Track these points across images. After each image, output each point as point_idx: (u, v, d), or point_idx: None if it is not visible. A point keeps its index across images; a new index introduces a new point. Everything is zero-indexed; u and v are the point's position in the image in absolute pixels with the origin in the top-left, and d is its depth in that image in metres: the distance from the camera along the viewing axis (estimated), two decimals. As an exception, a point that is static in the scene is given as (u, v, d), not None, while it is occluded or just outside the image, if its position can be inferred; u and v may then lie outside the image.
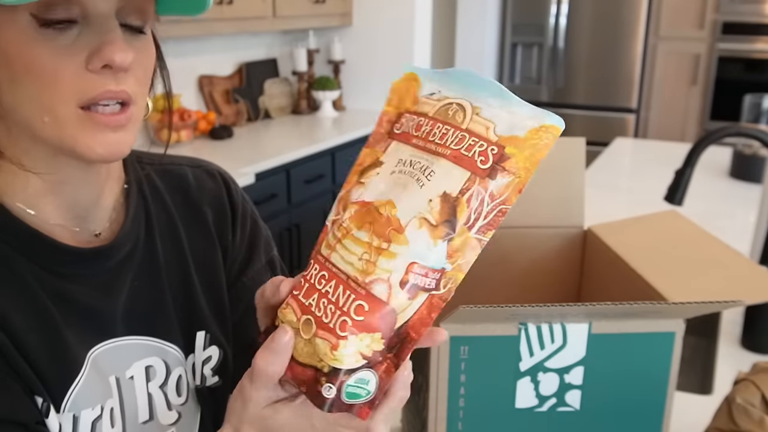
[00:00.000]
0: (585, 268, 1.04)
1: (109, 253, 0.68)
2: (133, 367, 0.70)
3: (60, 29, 0.55)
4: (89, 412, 0.66)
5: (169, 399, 0.73)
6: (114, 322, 0.69)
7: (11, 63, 0.55)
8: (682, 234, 0.93)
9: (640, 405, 0.73)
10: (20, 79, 0.55)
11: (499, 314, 0.66)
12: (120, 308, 0.69)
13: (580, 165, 1.00)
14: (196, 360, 0.77)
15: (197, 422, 0.77)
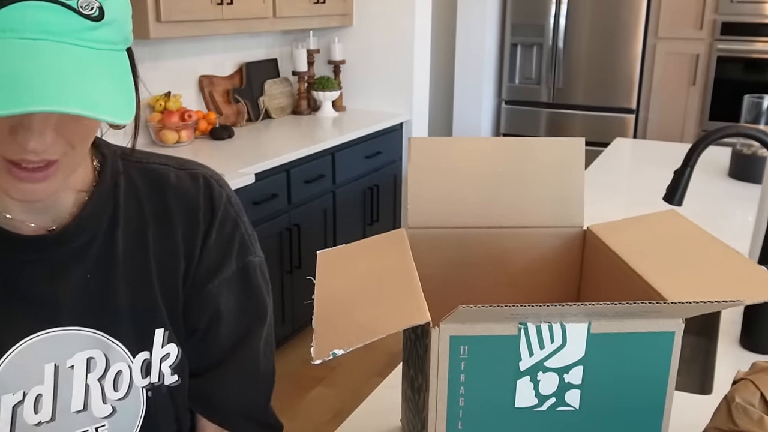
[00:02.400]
0: (584, 268, 1.04)
1: (57, 243, 0.70)
2: (75, 357, 0.72)
3: None
4: (9, 397, 0.68)
5: (105, 392, 0.74)
6: (59, 311, 0.70)
7: None
8: (681, 234, 0.93)
9: (640, 404, 0.73)
10: None
11: (498, 314, 0.66)
12: (69, 298, 0.71)
13: (579, 165, 1.01)
14: (153, 357, 0.77)
15: (137, 420, 0.77)
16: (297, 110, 3.60)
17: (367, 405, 1.09)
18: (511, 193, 1.00)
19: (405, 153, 3.66)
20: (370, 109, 3.72)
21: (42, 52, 0.54)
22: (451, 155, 0.99)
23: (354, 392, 2.75)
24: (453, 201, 0.99)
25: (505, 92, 4.83)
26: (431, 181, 0.98)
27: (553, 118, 4.71)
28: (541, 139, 1.01)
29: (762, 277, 0.77)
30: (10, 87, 0.52)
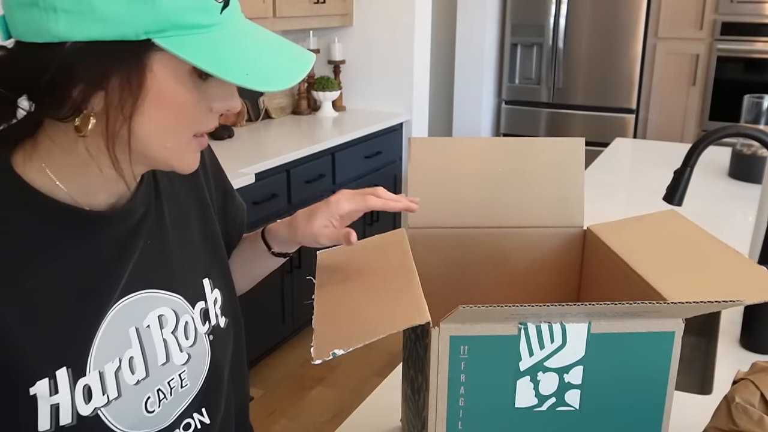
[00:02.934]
0: (585, 268, 1.04)
1: (123, 217, 0.76)
2: (149, 317, 0.79)
3: (205, 79, 0.67)
4: (110, 365, 0.74)
5: (179, 343, 0.83)
6: (132, 278, 0.77)
7: (164, 100, 0.65)
8: (681, 233, 0.93)
9: (640, 404, 0.73)
10: (165, 113, 0.66)
11: (498, 314, 0.66)
12: (136, 266, 0.77)
13: (579, 165, 1.01)
14: (208, 304, 0.88)
15: (206, 361, 0.86)
16: (297, 110, 3.60)
17: (367, 405, 1.09)
18: (511, 193, 1.00)
19: (405, 153, 3.66)
20: (370, 109, 3.73)
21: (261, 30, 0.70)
22: (451, 155, 0.99)
23: (354, 392, 2.75)
24: (453, 201, 0.99)
25: (505, 92, 4.83)
26: (431, 181, 0.99)
27: (553, 118, 4.71)
28: (541, 139, 1.01)
29: (762, 277, 0.77)
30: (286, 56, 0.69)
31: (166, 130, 0.68)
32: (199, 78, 0.67)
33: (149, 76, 0.64)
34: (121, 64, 0.63)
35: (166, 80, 0.65)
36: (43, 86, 0.62)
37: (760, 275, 0.78)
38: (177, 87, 0.66)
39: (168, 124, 0.67)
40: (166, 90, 0.65)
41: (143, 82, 0.64)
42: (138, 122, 0.66)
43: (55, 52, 0.61)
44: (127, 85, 0.63)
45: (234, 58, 0.65)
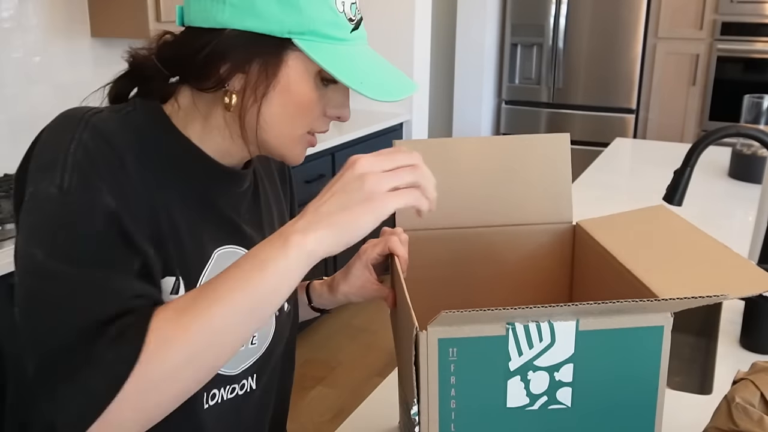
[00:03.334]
0: (575, 263, 1.04)
1: (239, 180, 0.88)
2: None
3: (326, 84, 0.80)
4: None
5: None
6: (236, 231, 0.86)
7: (290, 92, 0.78)
8: (669, 228, 0.93)
9: (632, 399, 0.73)
10: (288, 104, 0.78)
11: (483, 317, 0.66)
12: (239, 223, 0.87)
13: (565, 160, 1.01)
14: None
15: (270, 335, 0.92)
16: (297, 110, 3.60)
17: (367, 405, 1.09)
18: (500, 192, 1.00)
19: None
20: (370, 109, 3.73)
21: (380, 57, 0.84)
22: (437, 157, 1.00)
23: (354, 392, 2.75)
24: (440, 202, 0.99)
25: (505, 92, 4.83)
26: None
27: (553, 118, 4.71)
28: (526, 136, 1.01)
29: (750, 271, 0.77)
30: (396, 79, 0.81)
31: (286, 119, 0.80)
32: (321, 83, 0.79)
33: (283, 68, 0.77)
34: (263, 53, 0.76)
35: (295, 75, 0.77)
36: (199, 61, 0.76)
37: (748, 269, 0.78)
38: (302, 84, 0.78)
39: (288, 113, 0.79)
40: (293, 83, 0.77)
41: (277, 72, 0.77)
42: (266, 105, 0.78)
43: (215, 35, 0.75)
44: (264, 71, 0.76)
45: (353, 68, 0.77)
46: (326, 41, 0.76)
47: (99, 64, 2.49)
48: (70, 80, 2.39)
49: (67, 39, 2.39)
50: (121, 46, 2.74)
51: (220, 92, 0.78)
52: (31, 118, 2.29)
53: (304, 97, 0.78)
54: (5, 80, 2.21)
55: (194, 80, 0.79)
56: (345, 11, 0.78)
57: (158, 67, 0.80)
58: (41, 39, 2.31)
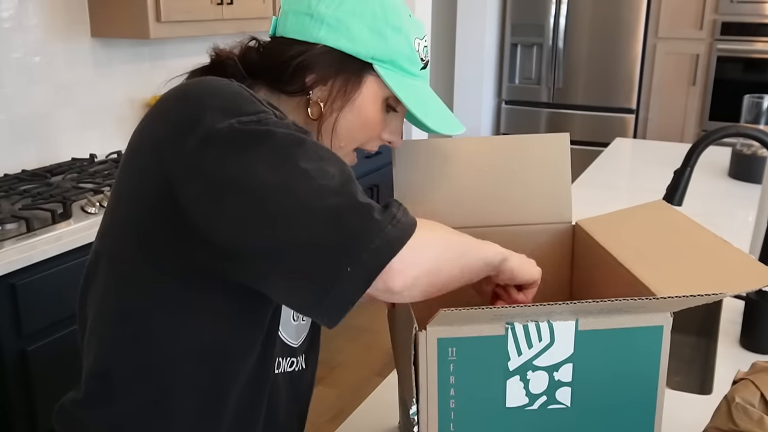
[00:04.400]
0: (575, 263, 1.04)
1: None
2: None
3: (389, 111, 0.90)
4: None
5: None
6: None
7: (360, 110, 0.87)
8: (669, 224, 0.93)
9: (631, 399, 0.73)
10: (355, 120, 0.88)
11: (482, 315, 0.66)
12: None
13: (565, 160, 1.01)
14: None
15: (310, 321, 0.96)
16: (297, 110, 3.60)
17: (367, 405, 1.09)
18: (499, 192, 1.00)
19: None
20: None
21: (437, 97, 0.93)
22: (436, 157, 1.00)
23: (354, 392, 2.75)
24: (440, 203, 0.99)
25: (505, 92, 4.83)
26: (417, 184, 0.99)
27: (553, 118, 4.71)
28: (526, 136, 1.01)
29: (751, 266, 0.77)
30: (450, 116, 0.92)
31: (351, 133, 0.88)
32: (385, 108, 0.89)
33: (361, 87, 0.86)
34: (347, 71, 0.86)
35: (369, 96, 0.87)
36: (289, 68, 0.85)
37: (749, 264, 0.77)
38: (372, 105, 0.87)
39: (355, 128, 0.88)
40: (365, 103, 0.87)
41: (355, 90, 0.86)
42: (338, 118, 0.87)
43: (307, 47, 0.85)
44: (345, 87, 0.86)
45: (419, 99, 0.88)
46: (400, 72, 0.87)
47: (99, 64, 2.49)
48: (70, 80, 2.39)
49: (67, 39, 2.39)
50: (121, 46, 2.75)
51: (302, 99, 0.87)
52: (31, 118, 2.29)
53: (370, 117, 0.88)
54: (5, 80, 2.21)
55: (279, 83, 0.87)
56: (419, 51, 0.89)
57: (237, 66, 0.87)
58: (41, 39, 2.31)
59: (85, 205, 1.97)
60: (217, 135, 0.70)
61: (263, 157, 0.69)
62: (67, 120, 2.42)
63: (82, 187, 2.08)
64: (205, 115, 0.72)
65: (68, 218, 1.87)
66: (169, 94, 0.80)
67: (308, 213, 0.66)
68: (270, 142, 0.70)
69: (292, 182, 0.67)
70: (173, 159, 0.72)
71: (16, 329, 1.68)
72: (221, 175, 0.69)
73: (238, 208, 0.68)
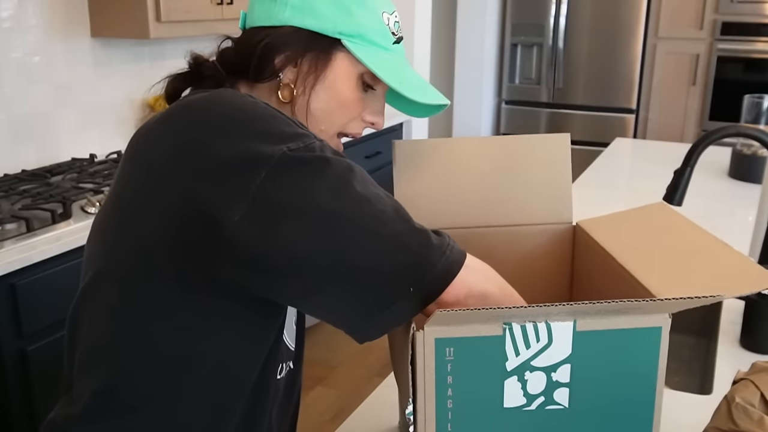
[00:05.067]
0: (575, 264, 1.04)
1: None
2: None
3: (365, 89, 0.89)
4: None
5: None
6: None
7: (335, 89, 0.86)
8: (670, 226, 0.93)
9: (630, 400, 0.73)
10: (331, 100, 0.86)
11: (479, 316, 0.66)
12: None
13: (566, 160, 1.01)
14: None
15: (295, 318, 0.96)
16: (297, 110, 3.59)
17: (367, 405, 1.09)
18: (499, 192, 1.00)
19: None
20: (370, 109, 3.72)
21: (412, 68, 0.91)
22: (436, 157, 1.00)
23: (354, 392, 2.75)
24: (441, 202, 0.99)
25: (505, 92, 4.83)
26: (417, 183, 0.99)
27: (553, 118, 4.71)
28: (527, 136, 1.01)
29: (750, 269, 0.77)
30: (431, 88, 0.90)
31: (328, 114, 0.87)
32: (362, 87, 0.87)
33: (331, 65, 0.85)
34: (315, 49, 0.84)
35: (341, 73, 0.85)
36: (258, 53, 0.84)
37: (749, 267, 0.77)
38: (346, 83, 0.86)
39: (331, 108, 0.87)
40: (338, 81, 0.86)
41: (326, 67, 0.85)
42: (313, 100, 0.86)
43: (273, 31, 0.84)
44: (314, 66, 0.85)
45: (392, 70, 0.86)
46: (371, 46, 0.86)
47: (99, 64, 2.49)
48: (69, 80, 2.39)
49: (67, 39, 2.39)
50: (121, 46, 2.74)
51: (275, 83, 0.86)
52: (31, 118, 2.29)
53: (346, 96, 0.87)
54: (5, 80, 2.21)
55: (252, 72, 0.86)
56: (389, 25, 0.88)
57: (216, 68, 0.87)
58: (41, 39, 2.31)
59: (85, 205, 1.97)
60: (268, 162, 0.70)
61: (323, 184, 0.70)
62: (67, 120, 2.41)
63: (82, 187, 2.08)
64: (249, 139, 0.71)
65: (68, 218, 1.87)
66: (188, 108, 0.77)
67: (375, 237, 0.69)
68: (326, 168, 0.71)
69: (356, 208, 0.70)
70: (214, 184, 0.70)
71: (16, 329, 1.68)
72: (280, 200, 0.69)
73: (299, 232, 0.69)
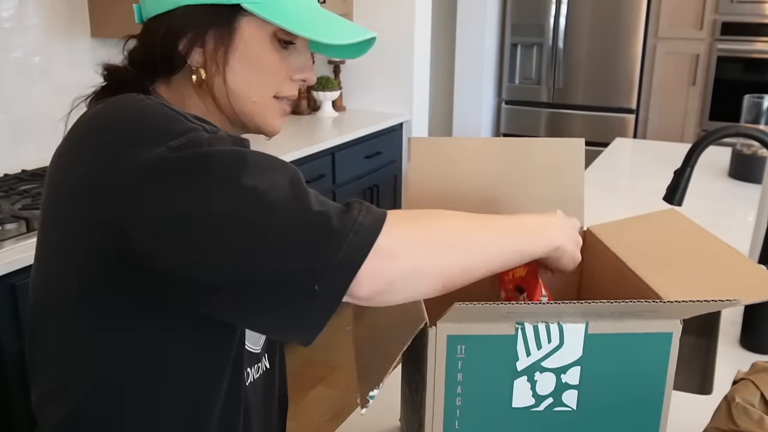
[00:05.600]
0: (584, 269, 1.04)
1: None
2: None
3: (283, 46, 0.82)
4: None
5: None
6: None
7: (250, 57, 0.80)
8: (681, 233, 0.93)
9: (637, 405, 0.73)
10: (250, 69, 0.81)
11: (494, 312, 0.66)
12: None
13: (579, 166, 1.00)
14: None
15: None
16: (297, 110, 3.60)
17: (367, 405, 1.08)
18: (511, 194, 1.00)
19: (405, 153, 3.66)
20: (370, 109, 3.72)
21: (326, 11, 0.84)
22: (451, 155, 0.99)
23: (354, 392, 2.74)
24: (452, 201, 0.99)
25: (505, 92, 4.83)
26: (430, 181, 0.98)
27: (553, 118, 4.71)
28: (541, 139, 1.01)
29: (761, 276, 0.77)
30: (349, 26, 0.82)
31: (251, 86, 0.81)
32: (280, 45, 0.81)
33: (238, 34, 0.79)
34: (216, 23, 0.78)
35: (251, 39, 0.80)
36: (159, 46, 0.78)
37: (760, 274, 0.78)
38: (260, 47, 0.80)
39: (253, 79, 0.81)
40: (251, 47, 0.80)
41: (232, 38, 0.79)
42: (230, 73, 0.80)
43: (169, 16, 0.78)
44: (220, 40, 0.79)
45: (304, 19, 0.79)
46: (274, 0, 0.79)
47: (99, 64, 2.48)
48: (69, 80, 2.39)
49: (67, 39, 2.39)
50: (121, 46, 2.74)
51: (188, 72, 0.80)
52: (31, 118, 2.29)
53: (263, 61, 0.81)
54: (5, 80, 2.21)
55: (160, 67, 0.80)
56: None
57: (131, 73, 0.82)
58: (41, 39, 2.31)
59: (85, 205, 1.96)
60: (149, 169, 0.65)
61: (205, 185, 0.64)
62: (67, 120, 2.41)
63: (82, 187, 2.08)
64: (129, 147, 0.67)
65: (68, 218, 1.87)
66: (83, 123, 0.74)
67: (264, 238, 0.63)
68: (207, 166, 0.65)
69: (241, 206, 0.63)
70: (108, 202, 0.67)
71: (16, 329, 1.68)
72: (166, 213, 0.64)
73: (192, 245, 0.64)
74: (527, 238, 0.74)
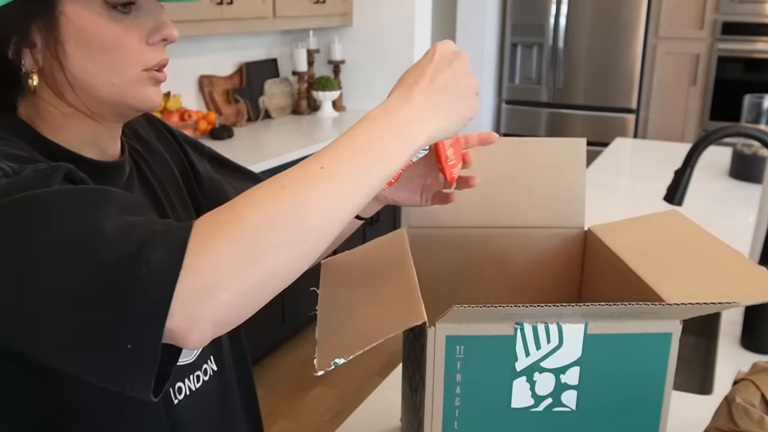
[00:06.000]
0: (585, 269, 1.04)
1: (118, 171, 0.79)
2: None
3: (123, 11, 0.69)
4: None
5: None
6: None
7: (87, 39, 0.68)
8: (683, 234, 0.93)
9: (637, 406, 0.73)
10: (94, 52, 0.69)
11: (493, 314, 0.66)
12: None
13: (580, 165, 1.00)
14: None
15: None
16: (297, 110, 3.60)
17: (367, 405, 1.09)
18: (512, 194, 1.00)
19: (405, 153, 3.65)
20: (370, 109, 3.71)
21: None
22: None
23: (354, 392, 2.75)
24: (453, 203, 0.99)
25: (505, 92, 4.83)
26: None
27: (553, 118, 4.71)
28: (542, 139, 1.01)
29: (762, 278, 0.77)
30: None
31: (105, 68, 0.70)
32: (117, 13, 0.69)
33: (63, 19, 0.67)
34: (35, 16, 0.67)
35: (81, 18, 0.68)
36: None
37: (760, 276, 0.77)
38: (94, 24, 0.68)
39: (104, 61, 0.70)
40: (85, 28, 0.68)
41: (58, 25, 0.67)
42: (75, 67, 0.69)
43: None
44: (46, 32, 0.68)
45: None
46: None
47: None
48: (69, 80, 2.39)
49: (67, 39, 2.39)
50: None
51: (25, 81, 0.69)
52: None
53: (106, 38, 0.69)
54: (5, 80, 2.21)
55: (4, 86, 0.70)
56: None
57: None
58: (41, 39, 2.30)
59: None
60: None
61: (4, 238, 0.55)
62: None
63: (82, 187, 2.08)
64: None
65: (68, 218, 1.87)
66: None
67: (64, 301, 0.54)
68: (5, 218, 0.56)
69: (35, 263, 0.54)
70: None
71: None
72: None
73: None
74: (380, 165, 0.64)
